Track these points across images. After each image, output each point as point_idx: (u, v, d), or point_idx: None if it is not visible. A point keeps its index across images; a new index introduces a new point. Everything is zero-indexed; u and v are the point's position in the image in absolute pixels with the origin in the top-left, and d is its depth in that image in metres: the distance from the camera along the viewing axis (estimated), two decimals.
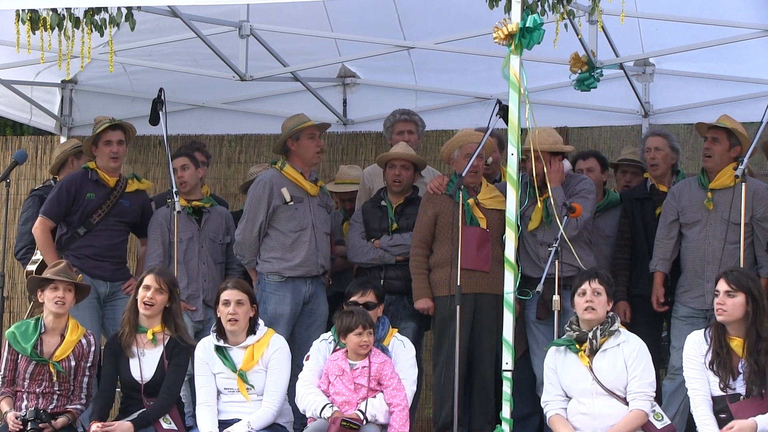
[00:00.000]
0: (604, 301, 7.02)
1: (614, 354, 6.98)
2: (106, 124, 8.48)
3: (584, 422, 6.99)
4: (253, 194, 8.49)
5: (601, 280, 7.04)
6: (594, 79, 8.63)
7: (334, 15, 9.72)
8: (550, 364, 7.15)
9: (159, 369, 7.39)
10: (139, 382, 7.37)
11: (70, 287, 7.50)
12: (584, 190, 8.21)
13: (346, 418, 7.03)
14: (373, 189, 9.00)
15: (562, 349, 7.12)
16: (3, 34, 8.21)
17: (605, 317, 7.03)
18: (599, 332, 6.99)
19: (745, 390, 6.76)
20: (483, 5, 7.09)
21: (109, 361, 7.47)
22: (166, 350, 7.40)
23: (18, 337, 7.48)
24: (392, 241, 8.50)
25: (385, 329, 7.56)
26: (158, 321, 7.45)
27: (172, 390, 7.37)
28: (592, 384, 6.97)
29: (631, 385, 6.93)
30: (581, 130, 11.28)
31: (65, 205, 8.43)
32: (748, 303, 6.79)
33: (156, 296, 7.40)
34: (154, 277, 7.44)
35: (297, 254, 8.37)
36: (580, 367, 7.01)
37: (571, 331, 7.07)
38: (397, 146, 8.75)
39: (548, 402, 7.13)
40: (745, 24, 8.80)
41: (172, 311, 7.47)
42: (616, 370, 6.95)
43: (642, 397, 6.92)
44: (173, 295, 7.47)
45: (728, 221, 7.96)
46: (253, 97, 10.81)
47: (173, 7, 8.53)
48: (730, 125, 8.10)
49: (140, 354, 7.41)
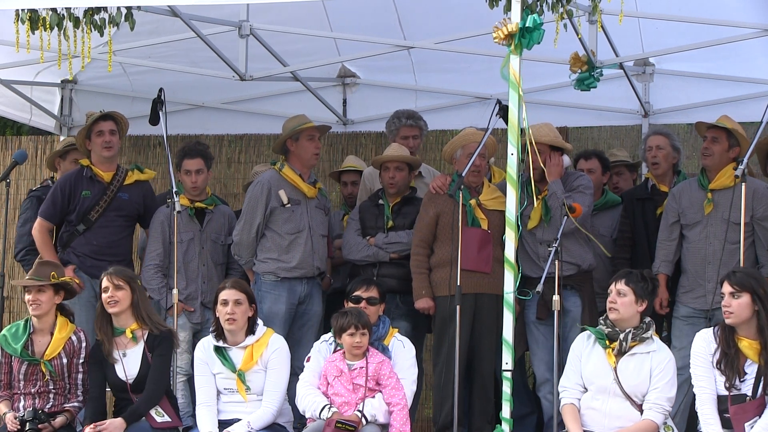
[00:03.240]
0: (628, 302, 6.94)
1: (642, 360, 6.92)
2: (97, 114, 8.48)
3: (594, 418, 6.96)
4: (251, 195, 8.50)
5: (628, 280, 6.96)
6: (594, 78, 8.63)
7: (334, 15, 9.72)
8: (576, 351, 7.08)
9: (143, 364, 7.37)
10: (125, 381, 7.36)
11: (42, 288, 7.46)
12: (582, 185, 8.21)
13: (341, 419, 7.03)
14: (374, 189, 9.01)
15: (591, 339, 7.05)
16: (3, 33, 8.21)
17: (638, 320, 6.97)
18: (630, 336, 6.94)
19: (751, 391, 6.75)
20: (483, 5, 7.08)
21: (93, 369, 7.45)
22: (147, 344, 7.39)
23: (9, 339, 7.47)
24: (388, 238, 8.51)
25: (386, 328, 7.56)
26: (131, 318, 7.43)
27: (158, 380, 7.35)
28: (612, 383, 6.92)
29: (651, 395, 6.87)
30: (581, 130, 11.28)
31: (60, 206, 8.43)
32: (755, 302, 6.74)
33: (116, 293, 7.38)
34: (107, 278, 7.42)
35: (293, 256, 8.39)
36: (604, 363, 6.95)
37: (604, 325, 7.01)
38: (389, 148, 8.75)
39: (566, 389, 7.06)
40: (745, 24, 8.80)
41: (138, 303, 7.42)
42: (640, 376, 6.90)
43: (658, 409, 6.86)
44: (134, 288, 7.43)
45: (728, 221, 7.96)
46: (253, 97, 10.81)
47: (173, 6, 8.53)
48: (730, 125, 8.10)
49: (122, 356, 7.40)
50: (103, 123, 8.48)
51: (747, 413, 6.72)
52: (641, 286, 6.97)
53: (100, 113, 8.54)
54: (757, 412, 6.71)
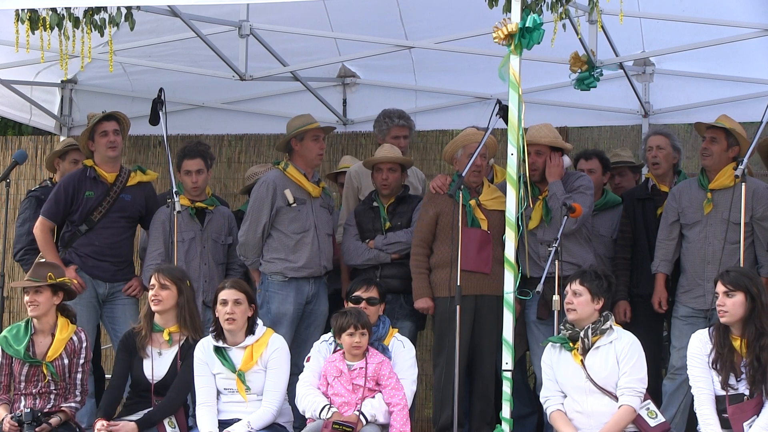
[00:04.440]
0: (584, 301, 7.00)
1: (606, 351, 6.98)
2: (100, 115, 8.48)
3: (579, 420, 7.00)
4: (256, 195, 8.49)
5: (582, 280, 7.03)
6: (594, 78, 8.63)
7: (334, 15, 9.71)
8: (547, 361, 7.16)
9: (171, 369, 7.37)
10: (150, 381, 7.36)
11: (39, 289, 7.44)
12: (583, 186, 8.21)
13: (338, 420, 7.03)
14: (360, 188, 9.00)
15: (557, 347, 7.13)
16: (3, 33, 8.20)
17: (597, 316, 7.02)
18: (590, 331, 6.99)
19: (749, 390, 6.75)
20: (483, 5, 7.07)
21: (121, 358, 7.45)
22: (181, 350, 7.39)
23: (10, 341, 7.46)
24: (387, 240, 8.51)
25: (386, 328, 7.55)
26: (173, 320, 7.44)
27: (181, 390, 7.34)
28: (585, 382, 6.97)
29: (621, 380, 6.91)
30: (581, 130, 11.29)
31: (63, 205, 8.43)
32: (747, 301, 6.78)
33: (160, 292, 7.39)
34: (155, 275, 7.44)
35: (300, 256, 8.39)
36: (573, 365, 7.01)
37: (565, 330, 7.09)
38: (381, 149, 8.74)
39: (548, 398, 7.13)
40: (745, 24, 8.80)
41: (182, 305, 7.41)
42: (608, 367, 6.94)
43: (630, 392, 6.89)
44: (181, 289, 7.43)
45: (728, 221, 7.96)
46: (253, 97, 10.81)
47: (173, 6, 8.53)
48: (729, 125, 8.10)
49: (155, 354, 7.40)
50: (106, 123, 8.49)
51: (745, 413, 6.73)
52: (596, 284, 7.02)
53: (103, 114, 8.54)
54: (755, 411, 6.72)
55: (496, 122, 7.79)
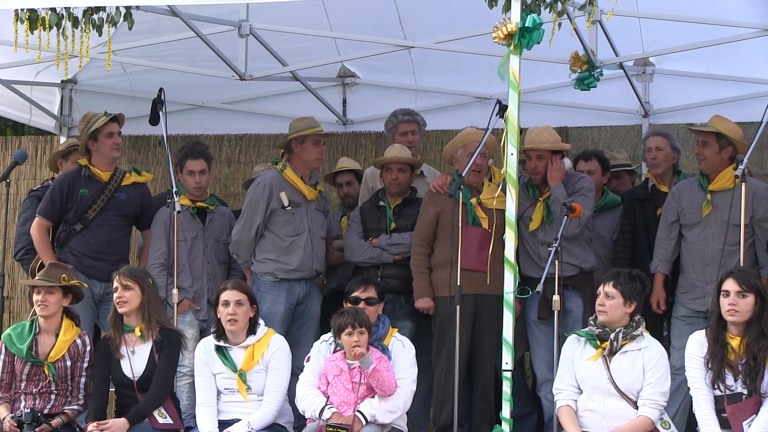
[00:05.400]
0: (616, 304, 6.92)
1: (634, 357, 6.93)
2: (104, 117, 8.46)
3: (592, 419, 6.96)
4: (252, 195, 8.50)
5: (616, 282, 6.94)
6: (594, 78, 8.63)
7: (334, 15, 9.71)
8: (568, 353, 7.08)
9: (150, 363, 7.38)
10: (131, 379, 7.37)
11: (51, 290, 7.46)
12: (584, 188, 8.21)
13: (332, 423, 7.04)
14: (375, 188, 9.01)
15: (582, 341, 7.05)
16: (2, 33, 8.20)
17: (628, 320, 6.95)
18: (621, 335, 6.93)
19: (747, 390, 6.74)
20: (483, 5, 7.07)
21: (99, 363, 7.47)
22: (156, 344, 7.40)
23: (14, 339, 7.47)
24: (391, 240, 8.51)
25: (386, 328, 7.54)
26: (140, 318, 7.45)
27: (164, 381, 7.36)
28: (607, 383, 6.92)
29: (645, 391, 6.88)
30: (581, 130, 11.30)
31: (59, 204, 8.43)
32: (758, 302, 6.76)
33: (124, 294, 7.40)
34: (116, 278, 7.45)
35: (293, 258, 8.40)
36: (597, 364, 6.96)
37: (594, 326, 7.01)
38: (391, 149, 8.74)
39: (561, 390, 7.07)
40: (745, 24, 8.80)
41: (146, 304, 7.42)
42: (633, 373, 6.90)
43: (652, 405, 6.87)
44: (144, 288, 7.44)
45: (728, 222, 7.94)
46: (253, 96, 10.81)
47: (173, 6, 8.53)
48: (719, 126, 8.07)
49: (130, 353, 7.41)
50: (112, 125, 8.50)
51: (744, 412, 6.73)
52: (630, 287, 6.94)
53: (105, 114, 8.53)
54: (754, 410, 6.72)
55: (496, 122, 7.79)
